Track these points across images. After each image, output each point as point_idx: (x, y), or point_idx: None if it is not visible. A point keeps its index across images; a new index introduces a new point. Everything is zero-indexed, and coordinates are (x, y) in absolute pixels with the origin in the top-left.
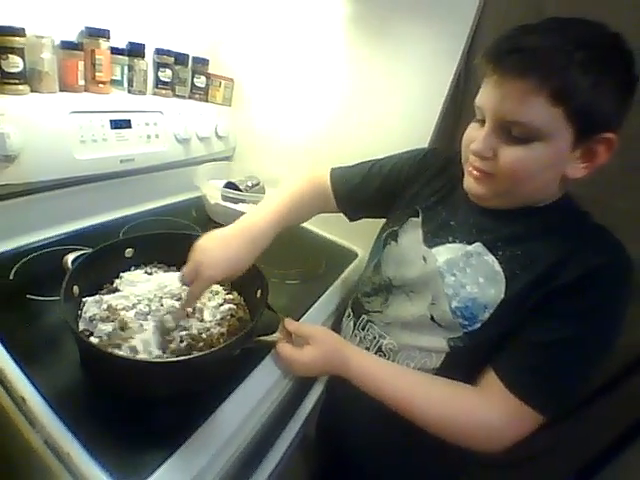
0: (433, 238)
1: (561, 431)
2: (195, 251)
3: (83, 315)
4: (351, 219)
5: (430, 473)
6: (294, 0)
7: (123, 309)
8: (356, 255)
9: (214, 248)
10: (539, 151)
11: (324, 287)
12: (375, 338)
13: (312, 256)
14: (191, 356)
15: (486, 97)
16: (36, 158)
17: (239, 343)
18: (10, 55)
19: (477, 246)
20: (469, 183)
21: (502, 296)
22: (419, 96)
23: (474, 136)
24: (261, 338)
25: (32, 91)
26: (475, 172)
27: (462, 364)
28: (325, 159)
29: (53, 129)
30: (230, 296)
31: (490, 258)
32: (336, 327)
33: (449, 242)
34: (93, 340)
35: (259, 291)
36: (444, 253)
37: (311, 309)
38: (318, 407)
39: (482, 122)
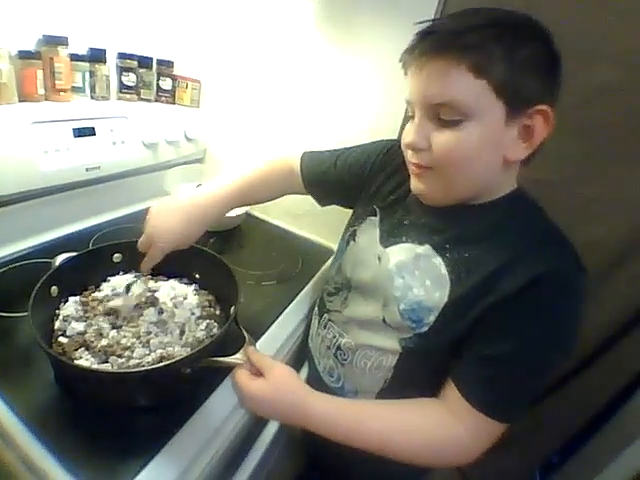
0: (388, 238)
1: (540, 413)
2: (148, 222)
3: (60, 314)
4: (321, 204)
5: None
6: None
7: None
8: (332, 252)
9: (165, 220)
10: (471, 131)
11: (300, 287)
12: (335, 337)
13: (288, 256)
14: (140, 369)
15: (411, 87)
16: None
17: (189, 361)
18: None
19: (426, 248)
20: (413, 183)
21: (446, 300)
22: (387, 92)
23: (408, 133)
24: (218, 359)
25: None
26: (415, 169)
27: (416, 365)
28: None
29: (14, 141)
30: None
31: (438, 260)
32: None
33: (402, 242)
34: (63, 340)
35: (232, 308)
36: (397, 254)
37: (287, 310)
38: None
39: (414, 117)
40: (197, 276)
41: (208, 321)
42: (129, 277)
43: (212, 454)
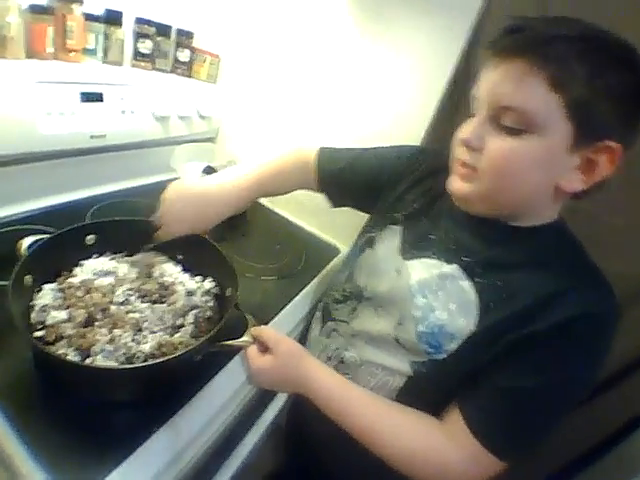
0: (410, 250)
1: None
2: (163, 202)
3: (35, 304)
4: (333, 204)
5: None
6: None
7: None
8: (338, 251)
9: (178, 209)
10: (531, 145)
11: (301, 285)
12: (338, 349)
13: (291, 250)
14: (149, 363)
15: (482, 82)
16: None
17: (201, 349)
18: None
19: (454, 268)
20: (453, 182)
21: (472, 328)
22: (415, 89)
23: (465, 130)
24: (226, 342)
25: None
26: (461, 168)
27: (425, 390)
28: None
29: (16, 99)
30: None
31: (466, 284)
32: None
33: (426, 257)
34: (40, 333)
35: (229, 289)
36: (419, 269)
37: (285, 308)
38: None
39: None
40: (181, 257)
41: (199, 307)
42: (104, 260)
43: (193, 454)
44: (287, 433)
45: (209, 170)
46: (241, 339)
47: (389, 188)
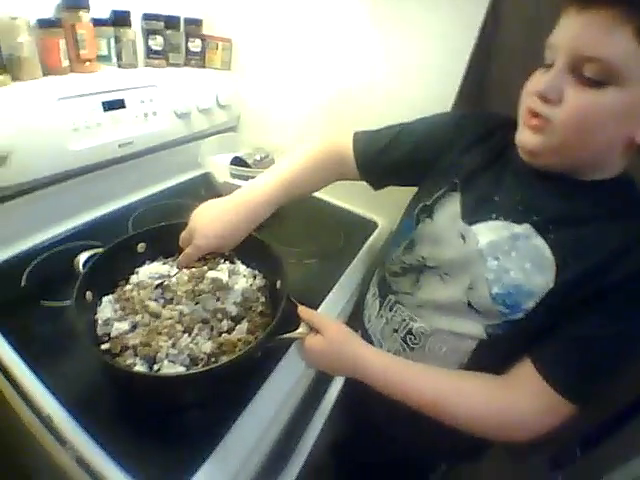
0: (473, 214)
1: None
2: (192, 219)
3: (99, 318)
4: (376, 187)
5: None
6: None
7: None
8: (376, 225)
9: (209, 218)
10: (612, 98)
11: (345, 264)
12: (404, 321)
13: (329, 229)
14: (212, 366)
15: (562, 31)
16: (28, 155)
17: (260, 346)
18: None
19: (525, 227)
20: (523, 135)
21: (551, 285)
22: (442, 50)
23: (540, 81)
24: (284, 336)
25: (13, 80)
26: (533, 120)
27: (498, 352)
28: (339, 123)
29: (41, 120)
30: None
31: (540, 242)
32: (359, 305)
33: (492, 219)
34: (107, 345)
35: (279, 282)
36: (486, 232)
37: (333, 289)
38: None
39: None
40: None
41: (251, 302)
42: (157, 265)
43: (268, 442)
44: (351, 403)
45: (237, 161)
46: (298, 331)
47: (440, 157)
